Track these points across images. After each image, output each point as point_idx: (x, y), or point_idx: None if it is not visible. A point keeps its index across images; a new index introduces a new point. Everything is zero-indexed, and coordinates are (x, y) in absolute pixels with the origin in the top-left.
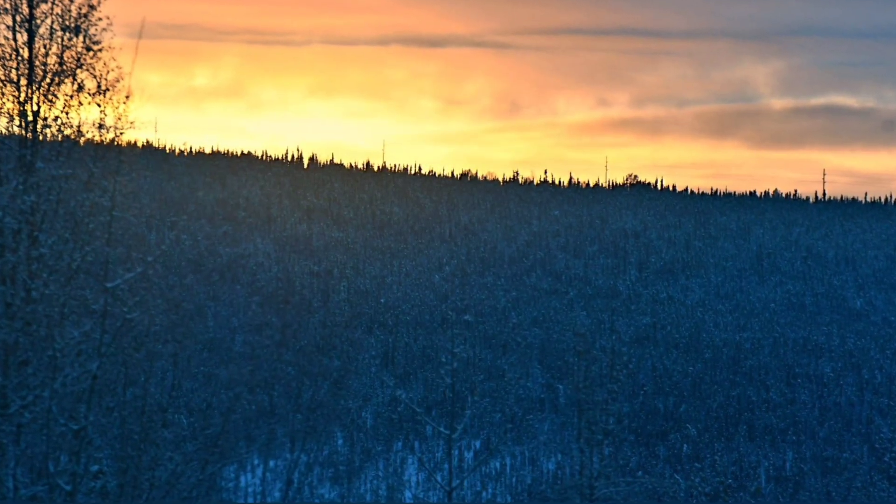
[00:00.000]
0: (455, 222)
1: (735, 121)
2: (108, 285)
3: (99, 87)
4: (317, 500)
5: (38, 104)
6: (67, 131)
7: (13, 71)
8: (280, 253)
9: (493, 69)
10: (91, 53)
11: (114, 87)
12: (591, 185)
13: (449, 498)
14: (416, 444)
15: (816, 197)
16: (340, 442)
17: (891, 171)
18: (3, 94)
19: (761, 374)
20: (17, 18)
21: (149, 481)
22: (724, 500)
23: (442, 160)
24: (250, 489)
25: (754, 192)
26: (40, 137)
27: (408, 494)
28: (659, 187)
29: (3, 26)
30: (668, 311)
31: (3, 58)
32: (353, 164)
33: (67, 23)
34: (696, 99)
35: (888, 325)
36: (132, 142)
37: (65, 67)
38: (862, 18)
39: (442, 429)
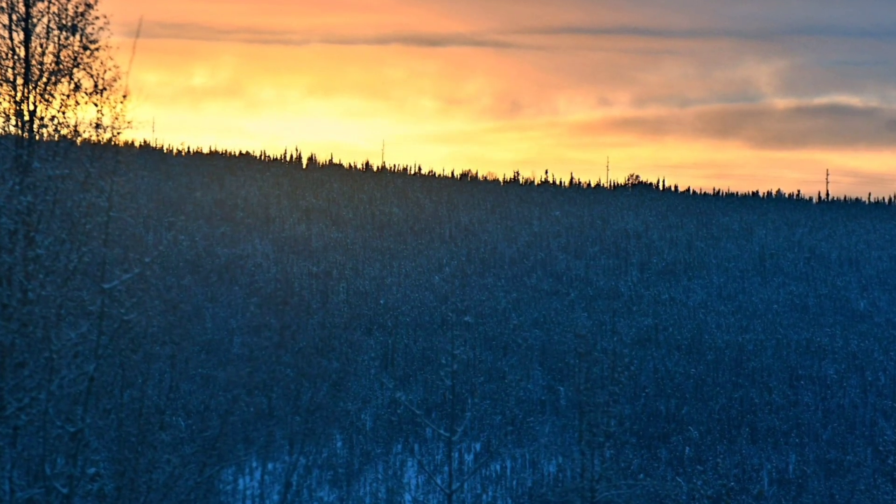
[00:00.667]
0: (455, 223)
1: (737, 120)
2: (106, 286)
3: (96, 86)
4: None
5: (34, 104)
6: (64, 131)
7: (9, 70)
8: (279, 254)
9: (493, 68)
10: (88, 52)
11: (111, 86)
12: (593, 185)
13: (449, 501)
14: (416, 447)
15: (819, 197)
16: (340, 444)
17: (895, 172)
18: None
19: (764, 375)
20: (14, 17)
21: (146, 484)
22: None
23: (442, 160)
24: (248, 492)
25: (757, 192)
26: (37, 137)
27: (407, 497)
28: (661, 187)
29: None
30: (669, 313)
31: None
32: (353, 165)
33: (64, 21)
34: (698, 98)
35: (892, 327)
36: (129, 142)
37: (61, 66)
38: (865, 17)
39: (442, 431)
